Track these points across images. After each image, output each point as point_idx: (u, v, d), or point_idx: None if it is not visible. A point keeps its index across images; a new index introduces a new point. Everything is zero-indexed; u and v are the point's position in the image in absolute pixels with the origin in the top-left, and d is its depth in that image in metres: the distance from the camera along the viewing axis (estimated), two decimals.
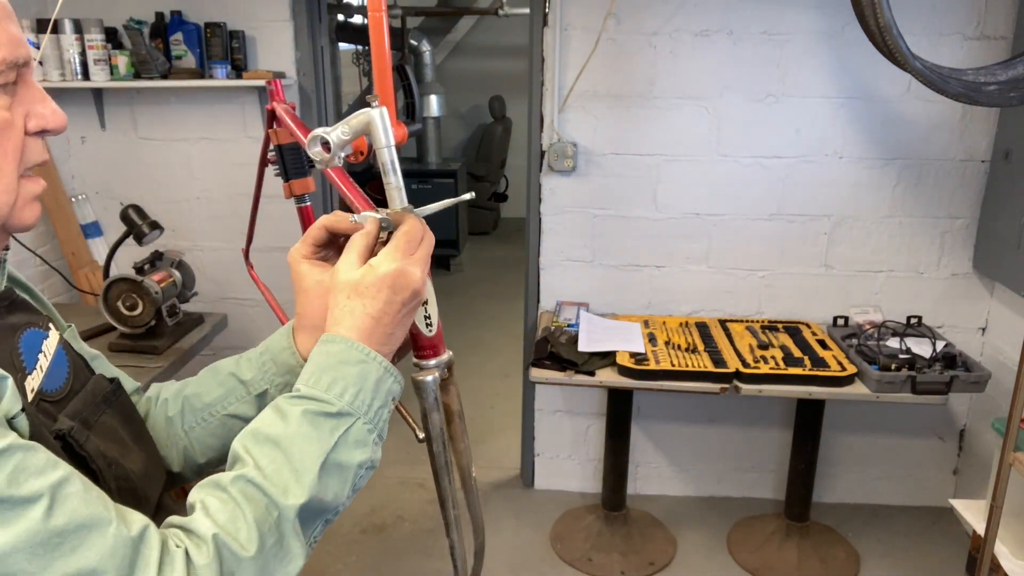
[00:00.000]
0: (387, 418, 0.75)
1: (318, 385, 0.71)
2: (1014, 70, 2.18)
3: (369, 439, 0.72)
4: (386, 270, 0.74)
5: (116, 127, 2.99)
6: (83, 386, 0.78)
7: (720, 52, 2.72)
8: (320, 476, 0.68)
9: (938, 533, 2.97)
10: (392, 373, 0.75)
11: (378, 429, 0.73)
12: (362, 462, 0.72)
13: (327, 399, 0.70)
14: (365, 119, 0.74)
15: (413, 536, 2.94)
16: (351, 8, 5.77)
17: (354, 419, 0.71)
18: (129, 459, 0.77)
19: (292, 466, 0.68)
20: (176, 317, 2.49)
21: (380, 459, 0.75)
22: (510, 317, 4.99)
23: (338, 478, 0.70)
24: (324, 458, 0.68)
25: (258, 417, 0.72)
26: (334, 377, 0.72)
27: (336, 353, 0.73)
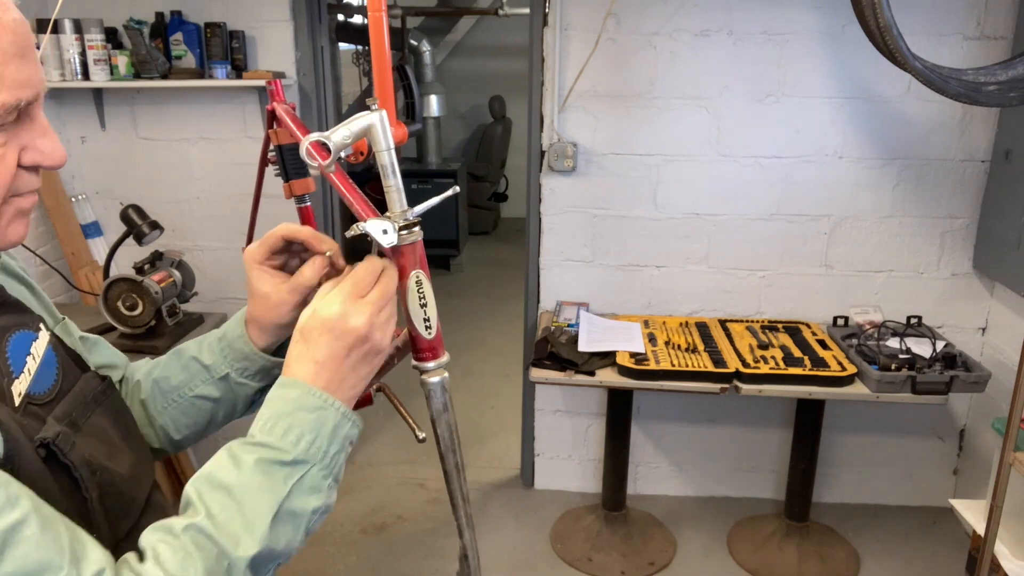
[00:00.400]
0: (343, 462, 0.74)
1: (273, 432, 0.70)
2: (1014, 70, 2.18)
3: (324, 485, 0.71)
4: (325, 315, 0.73)
5: (116, 127, 2.99)
6: (72, 386, 0.77)
7: (720, 52, 2.72)
8: (272, 526, 0.67)
9: (938, 533, 2.97)
10: (350, 418, 0.75)
11: (334, 474, 0.73)
12: (316, 508, 0.71)
13: (282, 447, 0.69)
14: (365, 123, 0.74)
15: (413, 536, 2.95)
16: (351, 8, 5.77)
17: (309, 466, 0.70)
18: (117, 461, 0.76)
19: (244, 516, 0.67)
20: (176, 317, 2.49)
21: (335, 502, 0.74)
22: (510, 317, 4.99)
23: (291, 526, 0.69)
24: (277, 508, 0.68)
25: (212, 460, 0.71)
26: (290, 424, 0.71)
27: (293, 399, 0.72)
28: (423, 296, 0.78)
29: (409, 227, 0.76)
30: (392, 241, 0.75)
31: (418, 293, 0.78)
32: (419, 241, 0.78)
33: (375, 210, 0.81)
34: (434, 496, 3.19)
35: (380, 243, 0.75)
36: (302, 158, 0.75)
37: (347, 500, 3.17)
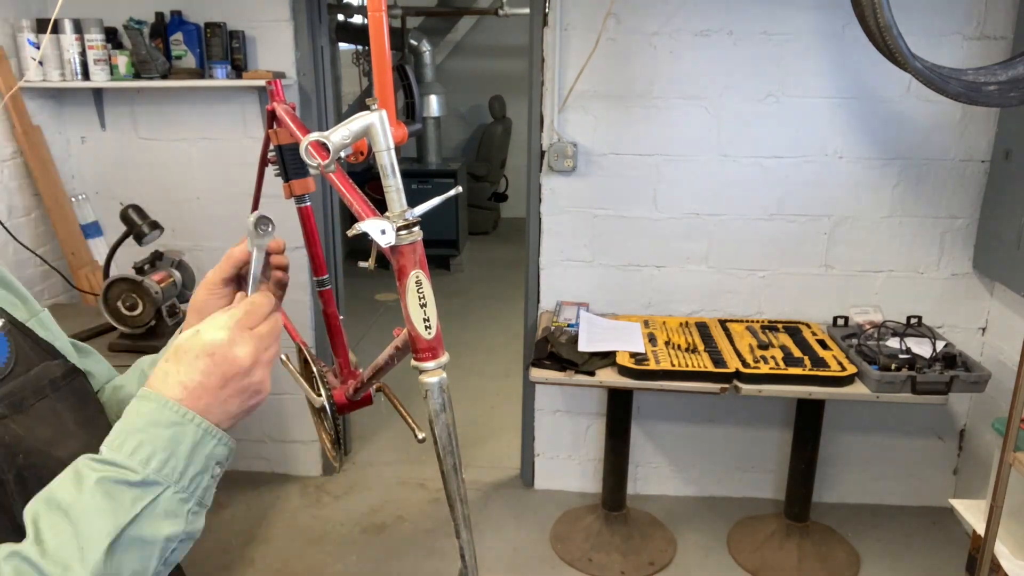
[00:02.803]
0: (208, 485, 0.67)
1: (122, 449, 0.64)
2: (1014, 70, 2.18)
3: (183, 510, 0.65)
4: (209, 338, 0.68)
5: (116, 127, 2.99)
6: (28, 371, 0.76)
7: (720, 52, 2.71)
8: (111, 554, 0.60)
9: (938, 533, 2.97)
10: (214, 436, 0.67)
11: (194, 498, 0.66)
12: (171, 535, 0.64)
13: (129, 466, 0.63)
14: (365, 123, 0.74)
15: (413, 536, 2.95)
16: (351, 8, 5.77)
17: (162, 488, 0.63)
18: (60, 447, 0.74)
19: (78, 541, 0.60)
20: (176, 317, 2.49)
21: (201, 529, 0.67)
22: (510, 317, 4.99)
23: (138, 554, 0.62)
24: (118, 533, 0.61)
25: (57, 478, 0.64)
26: (141, 440, 0.64)
27: (147, 413, 0.66)
28: (423, 296, 0.78)
29: (408, 227, 0.76)
30: (390, 241, 0.75)
31: (418, 293, 0.78)
32: (418, 241, 0.77)
33: (375, 210, 0.81)
34: (434, 496, 3.19)
35: (378, 243, 0.75)
36: (302, 158, 0.74)
37: (347, 500, 3.17)
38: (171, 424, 0.65)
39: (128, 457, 0.63)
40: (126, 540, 0.61)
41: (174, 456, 0.65)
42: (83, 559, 0.60)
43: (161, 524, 0.63)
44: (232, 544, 2.88)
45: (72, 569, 0.59)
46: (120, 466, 0.63)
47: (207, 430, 0.67)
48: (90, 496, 0.61)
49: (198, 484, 0.66)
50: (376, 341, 4.71)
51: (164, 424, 0.65)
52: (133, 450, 0.64)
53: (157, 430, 0.65)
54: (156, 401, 0.66)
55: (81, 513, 0.61)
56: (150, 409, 0.66)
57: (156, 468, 0.64)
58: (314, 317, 3.16)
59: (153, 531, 0.63)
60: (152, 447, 0.64)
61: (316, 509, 3.11)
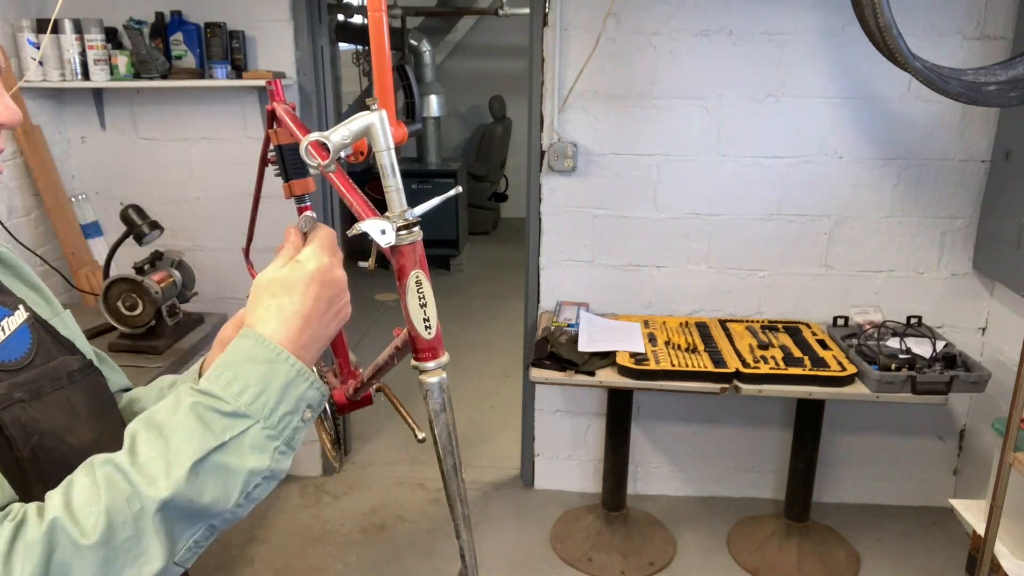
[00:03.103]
0: (298, 426, 0.70)
1: (218, 381, 0.68)
2: (1014, 70, 2.18)
3: (269, 447, 0.67)
4: (316, 265, 0.73)
5: (116, 127, 2.99)
6: (47, 363, 0.79)
7: (720, 52, 2.71)
8: (194, 473, 0.64)
9: (938, 533, 2.97)
10: (307, 378, 0.70)
11: (282, 437, 0.68)
12: (256, 469, 0.66)
13: (222, 396, 0.67)
14: (365, 123, 0.74)
15: (413, 536, 2.95)
16: (351, 8, 5.78)
17: (252, 422, 0.67)
18: (73, 434, 0.77)
19: (166, 458, 0.64)
20: (176, 317, 2.49)
21: (286, 470, 0.69)
22: (510, 317, 4.99)
23: (219, 480, 0.65)
24: (203, 455, 0.64)
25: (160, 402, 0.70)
26: (236, 374, 0.68)
27: (244, 349, 0.69)
28: (423, 296, 0.78)
29: (408, 227, 0.76)
30: (390, 241, 0.75)
31: (418, 293, 0.78)
32: (418, 241, 0.78)
33: (375, 210, 0.81)
34: (434, 496, 3.19)
35: (378, 243, 0.75)
36: (302, 158, 0.75)
37: (347, 500, 3.17)
38: (265, 361, 0.68)
39: (223, 388, 0.67)
40: (210, 464, 0.64)
41: (266, 392, 0.68)
42: (168, 473, 0.63)
43: (247, 456, 0.66)
44: (232, 544, 2.88)
45: (157, 481, 0.63)
46: (214, 396, 0.67)
47: (300, 371, 0.70)
48: (183, 418, 0.65)
49: (287, 424, 0.69)
50: (376, 341, 4.71)
51: (259, 360, 0.68)
52: (228, 382, 0.67)
53: (252, 365, 0.68)
54: (253, 338, 0.70)
55: (172, 431, 0.65)
56: (247, 345, 0.69)
57: (247, 401, 0.67)
58: None
59: (239, 461, 0.66)
60: (246, 381, 0.67)
61: (316, 509, 3.11)
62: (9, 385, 0.72)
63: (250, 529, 2.97)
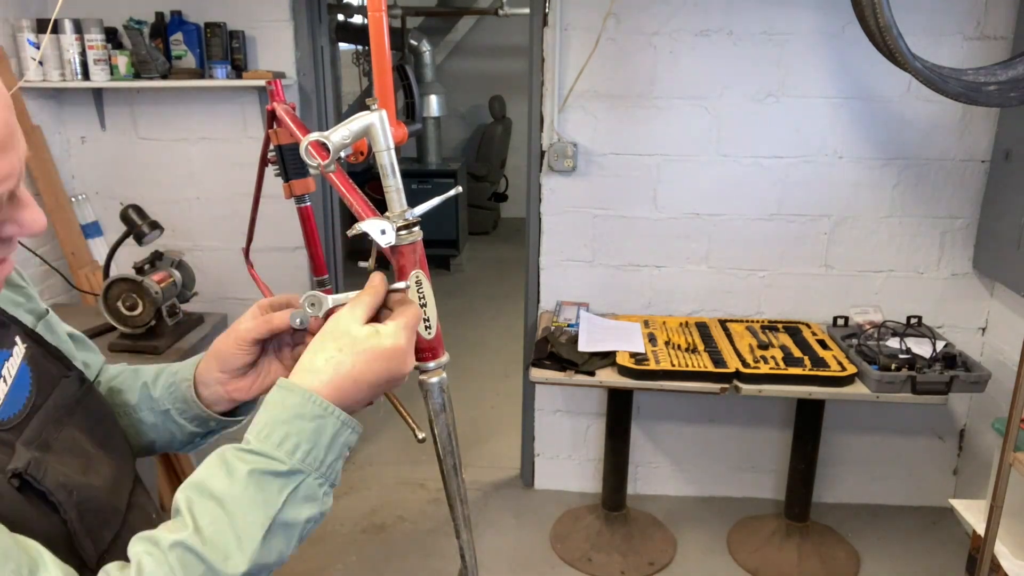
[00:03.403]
0: (340, 467, 0.73)
1: (269, 440, 0.68)
2: (1014, 70, 2.18)
3: (319, 493, 0.70)
4: (393, 343, 0.72)
5: (116, 127, 2.99)
6: (46, 399, 0.75)
7: (720, 52, 2.71)
8: (264, 541, 0.65)
9: (938, 533, 2.97)
10: (350, 425, 0.72)
11: (330, 480, 0.71)
12: (311, 517, 0.69)
13: (277, 457, 0.67)
14: (365, 122, 0.74)
15: (413, 536, 2.95)
16: (351, 8, 5.77)
17: (305, 476, 0.68)
18: (93, 473, 0.75)
19: (235, 531, 0.64)
20: (176, 317, 2.49)
21: (331, 504, 0.72)
22: (510, 317, 4.99)
23: (284, 537, 0.67)
24: (270, 522, 0.66)
25: (203, 466, 0.69)
26: (287, 432, 0.68)
27: (292, 406, 0.70)
28: (423, 296, 0.78)
29: (408, 227, 0.76)
30: (390, 241, 0.75)
31: (418, 293, 0.78)
32: (418, 241, 0.78)
33: (375, 210, 0.81)
34: (434, 496, 3.19)
35: (378, 243, 0.75)
36: (302, 158, 0.75)
37: (347, 500, 3.17)
38: (315, 417, 0.69)
39: (276, 448, 0.68)
40: (276, 526, 0.66)
41: (317, 446, 0.69)
42: (241, 548, 0.64)
43: (302, 508, 0.68)
44: None
45: (232, 557, 0.64)
46: (269, 456, 0.67)
47: (345, 421, 0.72)
48: (242, 487, 0.66)
49: (333, 469, 0.71)
50: None
51: (308, 417, 0.69)
52: (280, 441, 0.68)
53: (302, 423, 0.69)
54: (301, 395, 0.70)
55: (236, 504, 0.65)
56: (295, 403, 0.70)
57: (301, 458, 0.68)
58: None
59: (296, 515, 0.68)
60: (298, 439, 0.68)
61: None
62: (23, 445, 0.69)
63: None
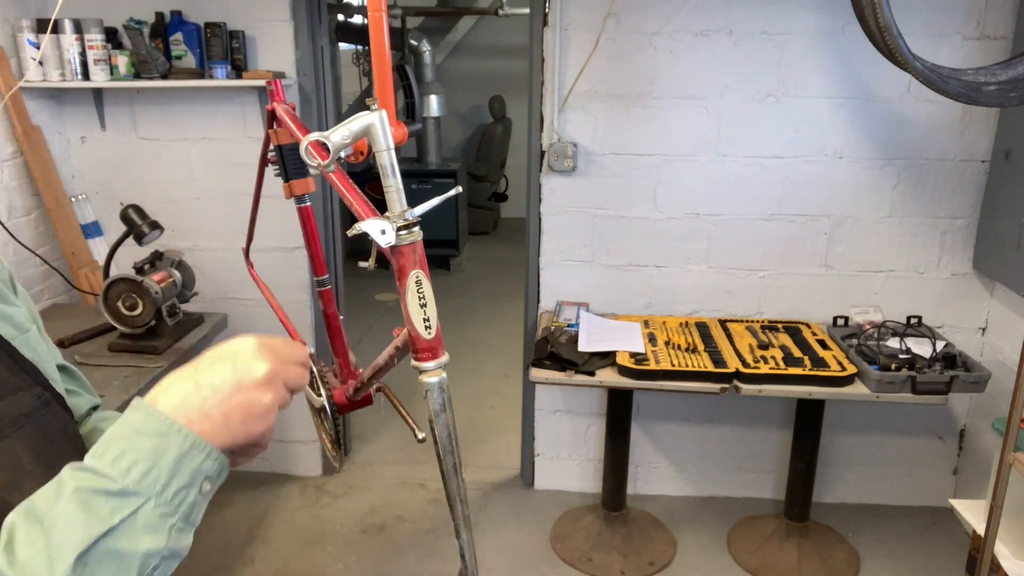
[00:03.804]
0: (195, 500, 0.64)
1: (104, 457, 0.61)
2: (1014, 70, 2.18)
3: (164, 524, 0.61)
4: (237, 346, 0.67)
5: (116, 127, 2.99)
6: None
7: (720, 52, 2.71)
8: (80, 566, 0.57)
9: (938, 533, 2.97)
10: (204, 450, 0.64)
11: (179, 513, 0.62)
12: (151, 551, 0.60)
13: (108, 474, 0.60)
14: (365, 122, 0.74)
15: (413, 536, 2.95)
16: (351, 8, 5.78)
17: (142, 500, 0.60)
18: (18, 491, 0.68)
19: (48, 553, 0.57)
20: (176, 317, 2.49)
21: (188, 547, 0.64)
22: (510, 317, 4.99)
23: (112, 568, 0.59)
24: (89, 544, 0.58)
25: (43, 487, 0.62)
26: (123, 449, 0.61)
27: (133, 422, 0.63)
28: (422, 296, 0.78)
29: (408, 227, 0.76)
30: (390, 241, 0.75)
31: (418, 293, 0.78)
32: (418, 241, 0.78)
33: (375, 210, 0.81)
34: (434, 496, 3.19)
35: (378, 243, 0.75)
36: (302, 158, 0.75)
37: (347, 500, 3.17)
38: (156, 434, 0.62)
39: (109, 465, 0.61)
40: (99, 552, 0.58)
41: (156, 467, 0.61)
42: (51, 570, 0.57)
43: (140, 538, 0.60)
44: (232, 544, 2.88)
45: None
46: (100, 474, 0.60)
47: (194, 443, 0.63)
48: (65, 505, 0.59)
49: (183, 499, 0.63)
50: (376, 341, 4.71)
51: (148, 434, 0.62)
52: (115, 458, 0.61)
53: (141, 439, 0.62)
54: (143, 411, 0.64)
55: (54, 522, 0.58)
56: (136, 418, 0.64)
57: (136, 478, 0.61)
58: (314, 317, 3.16)
59: (131, 545, 0.60)
60: (134, 456, 0.61)
61: (316, 509, 3.11)
62: None
63: (250, 529, 2.97)
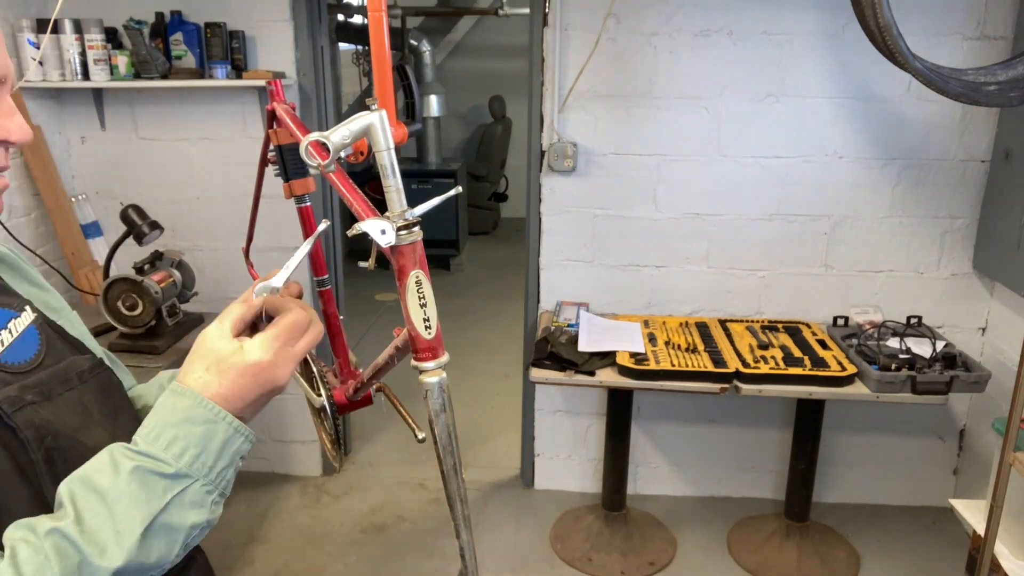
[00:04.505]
0: (232, 477, 0.73)
1: (157, 441, 0.69)
2: (1014, 70, 2.18)
3: (207, 500, 0.70)
4: (256, 359, 0.73)
5: (116, 127, 2.99)
6: (57, 363, 0.79)
7: (720, 52, 2.71)
8: (143, 539, 0.65)
9: (938, 533, 2.97)
10: (242, 433, 0.73)
11: (219, 489, 0.71)
12: (196, 523, 0.69)
13: (164, 459, 0.68)
14: (365, 122, 0.74)
15: (413, 536, 2.95)
16: (351, 8, 5.77)
17: (191, 481, 0.68)
18: (88, 434, 0.77)
19: (114, 525, 0.64)
20: (176, 317, 2.49)
21: (220, 515, 0.72)
22: (510, 317, 4.99)
23: (165, 540, 0.67)
24: (151, 521, 0.66)
25: (91, 461, 0.69)
26: (175, 435, 0.69)
27: (182, 409, 0.70)
28: (423, 296, 0.78)
29: (408, 227, 0.76)
30: (390, 241, 0.75)
31: (418, 293, 0.78)
32: (418, 241, 0.77)
33: (375, 210, 0.81)
34: (434, 496, 3.19)
35: (378, 243, 0.75)
36: (302, 158, 0.74)
37: (347, 500, 3.17)
38: (205, 422, 0.70)
39: (163, 450, 0.68)
40: (156, 527, 0.66)
41: (205, 452, 0.69)
42: (119, 542, 0.64)
43: (188, 513, 0.68)
44: (232, 544, 2.88)
45: (108, 551, 0.64)
46: (155, 458, 0.68)
47: (237, 428, 0.72)
48: (126, 483, 0.66)
49: (223, 477, 0.71)
50: (376, 341, 4.71)
51: (198, 421, 0.70)
52: (168, 444, 0.68)
53: (191, 427, 0.69)
54: (192, 398, 0.71)
55: (117, 498, 0.65)
56: (185, 405, 0.70)
57: (188, 462, 0.68)
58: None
59: (180, 519, 0.68)
60: (186, 442, 0.69)
61: (316, 509, 3.11)
62: (20, 388, 0.72)
63: (250, 529, 2.97)
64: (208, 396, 0.71)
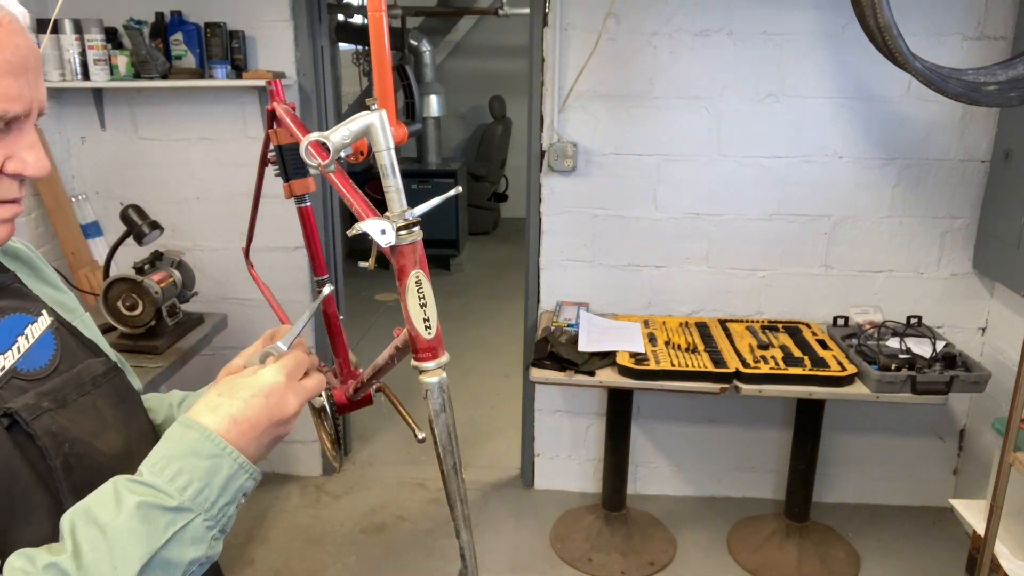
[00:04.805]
0: (233, 514, 0.72)
1: (163, 473, 0.68)
2: (1014, 70, 2.18)
3: (208, 536, 0.69)
4: (270, 380, 0.75)
5: (116, 127, 2.99)
6: (71, 368, 0.80)
7: (720, 52, 2.71)
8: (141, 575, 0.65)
9: (938, 533, 2.97)
10: (247, 470, 0.72)
11: (220, 525, 0.70)
12: (195, 559, 0.68)
13: (167, 491, 0.67)
14: (365, 122, 0.74)
15: (413, 536, 2.95)
16: (351, 8, 5.78)
17: (193, 515, 0.68)
18: (104, 439, 0.78)
19: (112, 561, 0.64)
20: (176, 317, 2.49)
21: (220, 552, 0.72)
22: (510, 317, 4.99)
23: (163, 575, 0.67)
24: (150, 557, 0.65)
25: (95, 493, 0.68)
26: (180, 467, 0.68)
27: (189, 442, 0.70)
28: (423, 296, 0.78)
29: (408, 227, 0.76)
30: (390, 241, 0.75)
31: (418, 293, 0.78)
32: (418, 241, 0.77)
33: (375, 210, 0.81)
34: (434, 496, 3.19)
35: (378, 243, 0.75)
36: (302, 158, 0.74)
37: (347, 500, 3.17)
38: (211, 456, 0.70)
39: (168, 482, 0.67)
40: (155, 563, 0.65)
41: (209, 486, 0.69)
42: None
43: (187, 549, 0.67)
44: (232, 544, 2.88)
45: None
46: (159, 490, 0.67)
47: (242, 465, 0.71)
48: (127, 518, 0.65)
49: (224, 513, 0.70)
50: (376, 341, 4.71)
51: (204, 455, 0.69)
52: (173, 476, 0.68)
53: (197, 460, 0.69)
54: (199, 432, 0.70)
55: (118, 534, 0.64)
56: (192, 439, 0.70)
57: (192, 496, 0.68)
58: (314, 317, 3.15)
59: (180, 555, 0.67)
60: (190, 475, 0.68)
61: (316, 509, 3.11)
62: (36, 395, 0.73)
63: (250, 529, 2.97)
64: (218, 419, 0.72)
